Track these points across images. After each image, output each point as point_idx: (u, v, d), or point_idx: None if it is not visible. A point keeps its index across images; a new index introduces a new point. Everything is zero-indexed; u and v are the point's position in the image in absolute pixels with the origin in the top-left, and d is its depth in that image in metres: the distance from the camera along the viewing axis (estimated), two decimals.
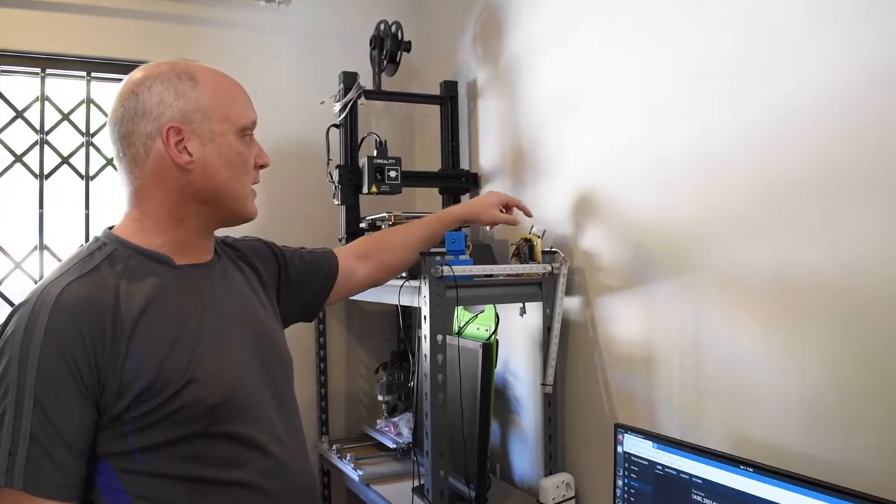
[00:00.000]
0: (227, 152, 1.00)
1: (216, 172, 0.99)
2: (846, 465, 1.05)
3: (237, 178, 1.02)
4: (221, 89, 1.01)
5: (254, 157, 1.05)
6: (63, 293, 0.87)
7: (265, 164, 1.07)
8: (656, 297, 1.43)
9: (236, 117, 1.01)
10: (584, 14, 1.64)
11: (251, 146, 1.05)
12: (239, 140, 1.02)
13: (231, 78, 1.05)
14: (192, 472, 0.91)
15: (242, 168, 1.03)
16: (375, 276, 1.41)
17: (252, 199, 1.06)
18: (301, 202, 2.30)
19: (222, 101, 1.00)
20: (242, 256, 1.16)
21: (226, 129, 1.00)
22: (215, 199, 1.01)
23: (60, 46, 2.05)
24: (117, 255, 0.96)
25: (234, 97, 1.03)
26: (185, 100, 0.97)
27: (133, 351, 0.88)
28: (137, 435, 0.88)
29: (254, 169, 1.06)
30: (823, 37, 1.09)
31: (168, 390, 0.89)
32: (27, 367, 0.84)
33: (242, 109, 1.03)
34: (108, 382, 0.87)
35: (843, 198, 1.06)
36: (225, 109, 1.00)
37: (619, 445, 1.33)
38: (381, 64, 2.09)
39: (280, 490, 0.98)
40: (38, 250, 2.04)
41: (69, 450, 0.85)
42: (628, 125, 1.50)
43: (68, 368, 0.85)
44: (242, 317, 1.05)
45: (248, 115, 1.03)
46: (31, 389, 0.83)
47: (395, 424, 2.11)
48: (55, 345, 0.85)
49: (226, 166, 1.00)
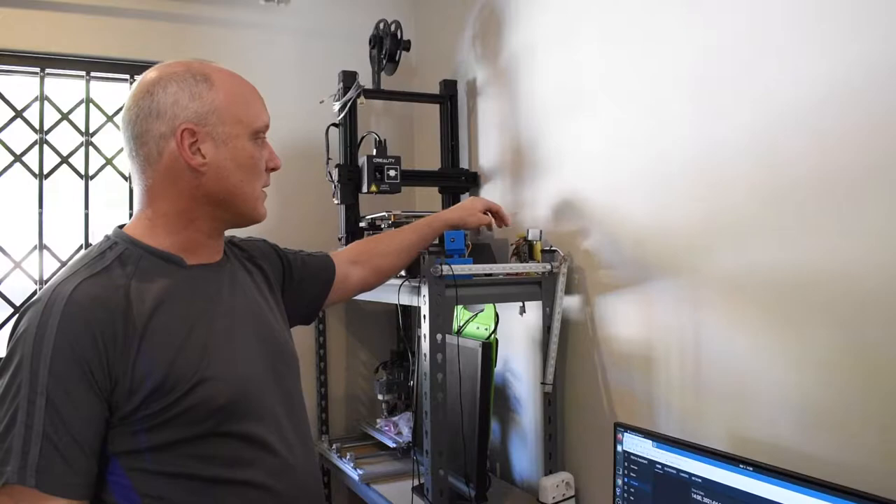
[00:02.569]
0: (240, 155, 1.00)
1: (229, 175, 0.99)
2: (845, 464, 1.05)
3: (249, 181, 1.02)
4: (236, 92, 1.01)
5: (265, 160, 1.05)
6: (75, 292, 0.88)
7: (276, 166, 1.07)
8: (656, 296, 1.43)
9: (250, 120, 1.01)
10: (583, 13, 1.64)
11: (263, 149, 1.04)
12: (251, 143, 1.02)
13: (245, 81, 1.05)
14: (201, 472, 0.92)
15: (254, 171, 1.02)
16: (368, 280, 1.42)
17: (262, 202, 1.06)
18: (300, 201, 2.30)
19: (236, 104, 1.00)
20: (250, 257, 1.17)
21: (239, 132, 1.00)
22: (226, 201, 1.01)
23: (60, 46, 2.05)
24: (128, 255, 0.96)
25: (248, 100, 1.02)
26: (200, 101, 0.97)
27: (144, 350, 0.89)
28: (148, 434, 0.89)
29: (265, 171, 1.06)
30: (823, 37, 1.09)
31: (178, 390, 0.90)
32: (39, 366, 0.84)
33: (256, 112, 1.03)
34: (119, 381, 0.87)
35: (842, 199, 1.06)
36: (239, 112, 1.00)
37: (618, 444, 1.33)
38: (380, 63, 2.09)
39: (287, 490, 0.98)
40: (37, 250, 2.04)
41: (81, 448, 0.85)
42: (628, 123, 1.50)
43: (80, 367, 0.85)
44: (251, 317, 1.06)
45: (261, 118, 1.03)
46: (43, 388, 0.84)
47: (394, 424, 2.11)
48: (67, 344, 0.85)
49: (238, 169, 1.00)
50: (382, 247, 1.44)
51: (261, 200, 1.06)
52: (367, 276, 1.41)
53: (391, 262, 1.44)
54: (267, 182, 1.07)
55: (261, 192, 1.05)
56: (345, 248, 1.45)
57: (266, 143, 1.06)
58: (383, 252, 1.43)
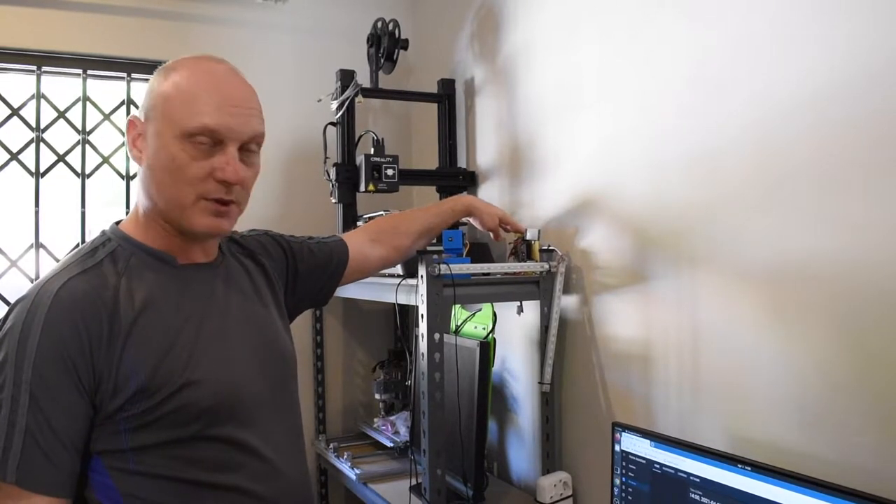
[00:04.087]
0: (162, 155, 0.92)
1: (153, 175, 0.94)
2: (844, 464, 1.05)
3: (173, 186, 0.92)
4: (184, 88, 0.93)
5: (202, 167, 0.92)
6: (62, 290, 0.87)
7: (224, 179, 0.92)
8: (654, 295, 1.43)
9: (182, 119, 0.91)
10: (581, 11, 1.64)
11: (209, 155, 0.92)
12: (180, 144, 0.91)
13: (219, 79, 0.95)
14: (185, 475, 0.90)
15: (178, 175, 0.92)
16: (388, 258, 1.41)
17: (200, 213, 0.93)
18: (298, 200, 2.30)
19: (176, 100, 0.92)
20: (250, 254, 1.15)
21: (166, 129, 0.92)
22: (157, 204, 0.95)
23: (56, 44, 2.04)
24: (120, 252, 0.95)
25: (196, 98, 0.92)
26: (151, 95, 0.95)
27: (129, 350, 0.88)
28: (131, 434, 0.88)
29: (208, 180, 0.93)
30: (822, 29, 1.09)
31: (163, 392, 0.89)
32: (24, 362, 0.84)
33: (196, 111, 0.91)
34: (103, 380, 0.87)
35: (842, 193, 1.06)
36: (174, 109, 0.92)
37: (616, 444, 1.32)
38: (378, 62, 2.08)
39: (273, 496, 0.96)
40: (33, 248, 2.03)
41: (63, 446, 0.85)
42: (626, 123, 1.50)
43: (64, 365, 0.85)
44: (246, 318, 1.04)
45: (197, 119, 0.91)
46: (27, 385, 0.83)
47: (392, 423, 2.10)
48: (52, 341, 0.84)
49: (161, 170, 0.93)
50: (404, 227, 1.43)
51: (195, 210, 0.93)
52: (387, 254, 1.40)
53: (412, 242, 1.44)
54: (215, 194, 0.93)
55: (195, 200, 0.93)
56: (366, 225, 1.45)
57: (225, 150, 0.93)
58: (405, 232, 1.43)
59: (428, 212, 1.48)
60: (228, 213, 0.96)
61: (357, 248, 1.33)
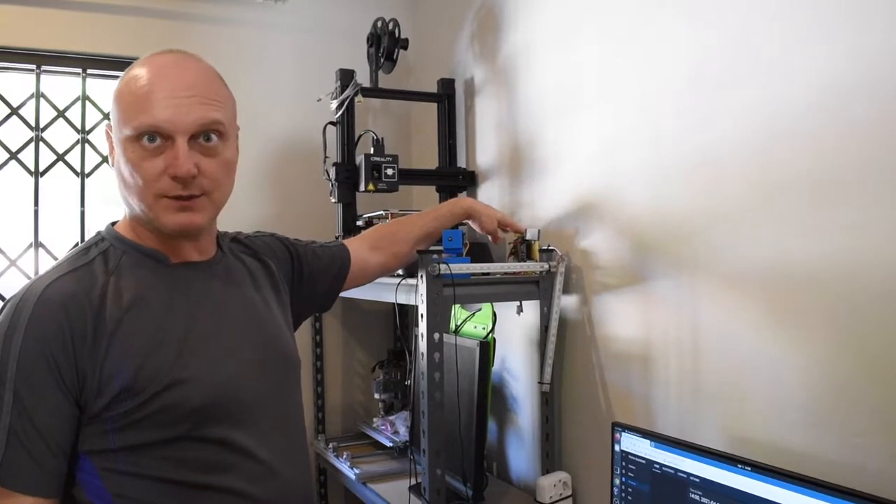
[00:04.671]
0: (121, 159, 0.92)
1: (122, 179, 0.93)
2: (844, 464, 1.05)
3: (135, 187, 0.91)
4: (130, 88, 0.90)
5: (155, 165, 0.89)
6: (48, 289, 0.87)
7: (175, 174, 0.89)
8: (654, 295, 1.43)
9: (126, 121, 0.89)
10: (581, 11, 1.64)
11: (151, 152, 0.89)
12: (130, 146, 0.90)
13: (164, 71, 0.91)
14: (174, 475, 0.89)
15: (135, 177, 0.90)
16: (387, 265, 1.43)
17: (164, 211, 0.91)
18: (298, 200, 2.29)
19: (123, 102, 0.91)
20: (254, 254, 1.14)
21: (119, 133, 0.91)
22: (133, 206, 0.94)
23: (56, 43, 2.04)
24: (112, 252, 0.95)
25: (138, 97, 0.89)
26: (112, 99, 0.94)
27: (113, 349, 0.87)
28: (119, 434, 0.87)
29: (164, 178, 0.90)
30: (822, 32, 1.09)
31: (147, 391, 0.87)
32: (8, 360, 0.84)
33: (138, 111, 0.89)
34: (87, 379, 0.86)
35: (843, 195, 1.06)
36: (120, 111, 0.91)
37: (616, 444, 1.32)
38: (378, 61, 2.08)
39: (269, 497, 0.95)
40: (33, 248, 2.03)
41: (48, 446, 0.84)
42: (626, 123, 1.50)
43: (47, 364, 0.84)
44: (245, 317, 1.03)
45: (138, 119, 0.88)
46: (11, 383, 0.83)
47: (391, 423, 2.10)
48: (35, 339, 0.84)
49: (124, 174, 0.92)
50: (403, 234, 1.44)
51: (159, 209, 0.91)
52: (386, 261, 1.42)
53: (411, 248, 1.45)
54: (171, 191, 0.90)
55: (156, 200, 0.91)
56: (366, 232, 1.46)
57: (174, 145, 0.89)
58: (404, 239, 1.44)
59: (426, 217, 1.49)
60: (195, 207, 0.92)
61: (357, 254, 1.34)
